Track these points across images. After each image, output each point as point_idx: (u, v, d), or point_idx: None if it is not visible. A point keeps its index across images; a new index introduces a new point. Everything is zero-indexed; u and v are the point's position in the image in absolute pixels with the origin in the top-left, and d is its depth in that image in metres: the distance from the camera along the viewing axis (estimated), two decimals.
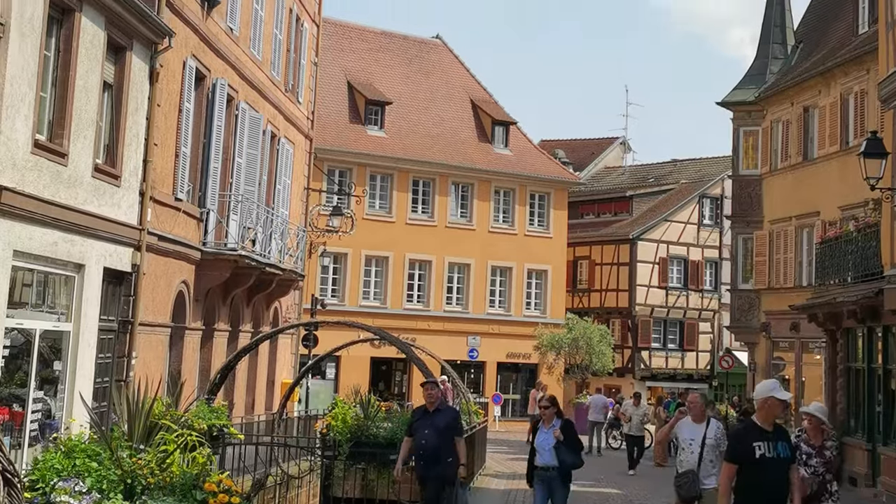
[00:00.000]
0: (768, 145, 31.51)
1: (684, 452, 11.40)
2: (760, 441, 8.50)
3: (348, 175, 41.17)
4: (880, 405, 21.82)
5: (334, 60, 43.62)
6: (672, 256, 50.40)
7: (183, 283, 20.51)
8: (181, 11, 19.41)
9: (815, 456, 10.55)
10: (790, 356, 29.91)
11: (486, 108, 46.67)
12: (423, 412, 12.85)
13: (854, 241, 22.44)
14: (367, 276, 42.05)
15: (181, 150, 19.94)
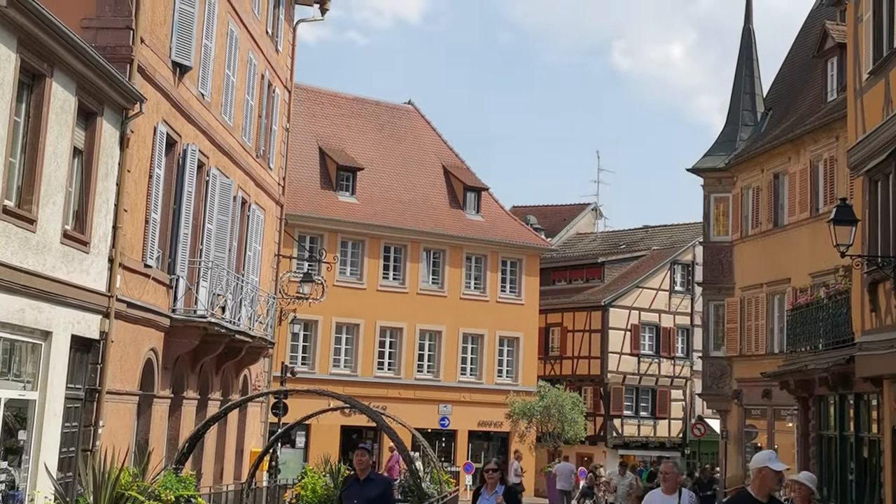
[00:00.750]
0: (739, 212, 31.72)
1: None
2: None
3: (319, 241, 41.09)
4: (853, 473, 21.69)
5: (306, 126, 43.73)
6: (644, 323, 50.47)
7: (151, 351, 20.24)
8: (153, 77, 19.37)
9: None
10: (762, 423, 29.84)
11: (458, 174, 46.85)
12: (353, 481, 12.24)
13: (825, 308, 22.49)
14: (337, 344, 41.84)
15: (151, 217, 19.79)
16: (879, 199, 18.83)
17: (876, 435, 20.17)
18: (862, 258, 18.29)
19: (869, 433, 20.91)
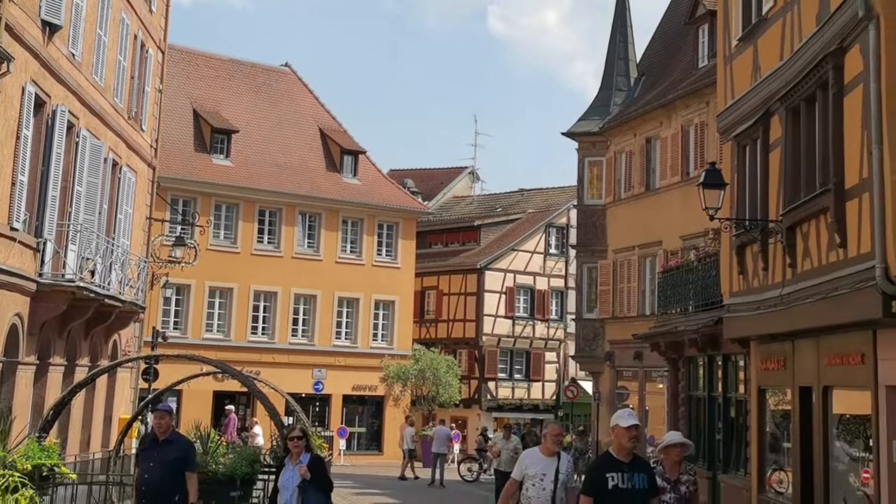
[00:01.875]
0: (612, 175, 32.08)
1: (533, 489, 10.14)
2: (614, 472, 8.41)
3: (192, 205, 40.35)
4: (720, 433, 22.22)
5: (180, 88, 42.86)
6: (519, 286, 50.90)
7: (16, 316, 19.57)
8: (21, 36, 18.62)
9: (669, 491, 9.93)
10: (634, 385, 30.34)
11: (335, 138, 46.41)
12: (152, 442, 11.51)
13: (695, 271, 22.89)
14: (210, 308, 41.24)
15: (18, 179, 19.10)
16: (747, 164, 19.17)
17: (743, 395, 20.66)
18: (730, 221, 18.60)
19: (736, 393, 21.43)
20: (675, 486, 9.91)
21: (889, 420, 13.53)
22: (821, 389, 16.00)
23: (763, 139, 18.28)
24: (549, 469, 10.16)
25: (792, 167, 16.77)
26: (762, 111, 18.15)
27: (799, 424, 16.86)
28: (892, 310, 12.85)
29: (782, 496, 18.09)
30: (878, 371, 13.91)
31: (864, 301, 13.37)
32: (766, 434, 19.15)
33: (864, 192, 13.79)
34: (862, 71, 13.94)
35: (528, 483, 10.22)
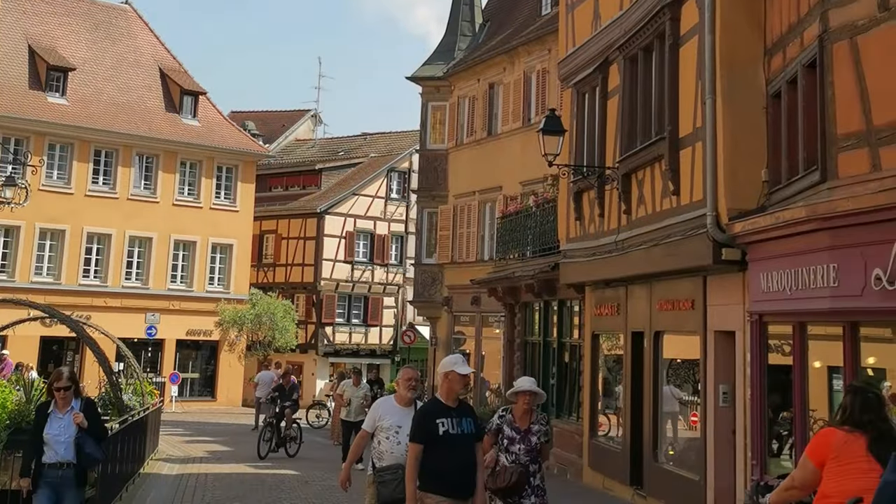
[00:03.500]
0: (455, 120, 31.97)
1: (387, 442, 9.01)
2: (444, 418, 8.22)
3: (25, 144, 38.55)
4: (554, 378, 22.51)
5: (15, 23, 41.04)
6: (359, 231, 50.57)
7: None
8: None
9: (518, 441, 9.53)
10: (471, 330, 30.49)
11: (176, 78, 45.02)
12: None
13: (533, 217, 23.01)
14: (40, 251, 39.65)
15: None
16: (586, 111, 19.31)
17: (577, 340, 20.93)
18: (568, 167, 18.71)
19: (571, 339, 21.70)
20: (524, 437, 9.54)
21: (716, 364, 13.85)
22: (652, 334, 16.29)
23: (602, 87, 18.41)
24: (404, 420, 8.89)
25: (629, 115, 16.93)
26: (601, 59, 18.25)
27: (630, 369, 17.17)
28: (722, 257, 13.11)
29: (613, 440, 18.44)
30: (708, 316, 14.22)
31: (695, 248, 13.61)
32: (599, 379, 19.47)
33: (698, 142, 14.00)
34: (697, 23, 14.11)
35: (382, 436, 9.05)
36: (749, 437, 12.86)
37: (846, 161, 10.53)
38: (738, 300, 13.24)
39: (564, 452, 20.57)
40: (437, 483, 8.10)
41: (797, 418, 11.85)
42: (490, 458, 9.36)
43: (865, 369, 10.82)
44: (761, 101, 13.16)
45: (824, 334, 11.60)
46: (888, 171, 9.75)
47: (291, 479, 19.23)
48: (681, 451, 15.84)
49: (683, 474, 14.98)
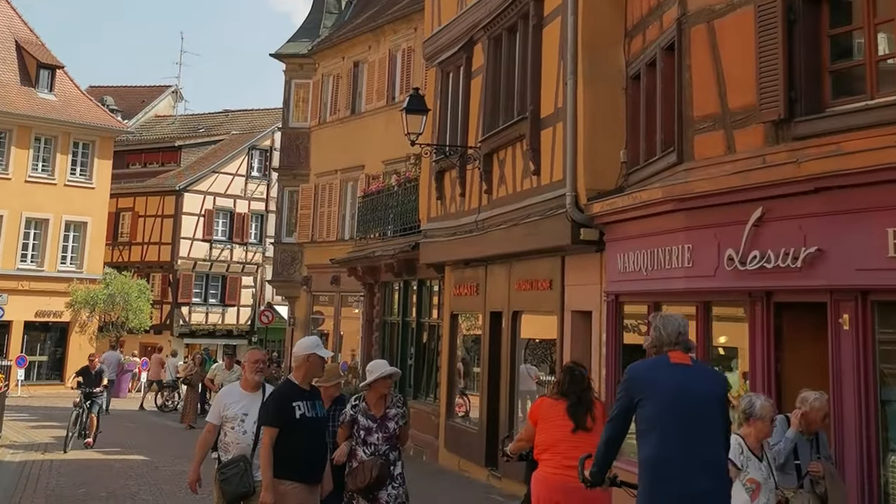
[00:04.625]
0: (318, 98, 31.61)
1: (233, 433, 8.26)
2: (300, 401, 7.88)
3: None
4: (412, 359, 22.44)
5: None
6: (218, 209, 49.72)
7: None
8: None
9: (376, 430, 8.74)
10: (330, 310, 30.24)
11: (32, 51, 43.33)
12: None
13: (395, 196, 22.89)
14: None
15: None
16: (450, 91, 19.26)
17: (436, 320, 20.90)
18: (431, 147, 18.64)
19: (430, 319, 21.66)
20: (382, 424, 8.78)
21: (573, 344, 13.94)
22: (511, 314, 16.33)
23: (466, 67, 18.39)
24: (251, 407, 8.26)
25: (492, 95, 16.94)
26: (466, 39, 18.22)
27: (488, 349, 17.19)
28: (581, 237, 13.19)
29: (469, 421, 18.46)
30: (565, 296, 14.30)
31: (554, 228, 13.66)
32: (457, 359, 19.47)
33: (559, 122, 14.06)
34: (560, 4, 14.16)
35: (227, 427, 8.30)
36: None
37: (702, 143, 10.69)
38: (596, 280, 13.35)
39: (421, 434, 20.51)
40: (292, 468, 7.74)
41: None
42: (341, 453, 8.77)
43: (717, 348, 11.03)
44: (621, 82, 13.29)
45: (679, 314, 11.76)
46: (742, 153, 9.93)
47: (140, 464, 18.64)
48: None
49: None
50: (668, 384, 5.95)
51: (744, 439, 7.27)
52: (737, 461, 7.10)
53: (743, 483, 7.10)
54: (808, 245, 8.90)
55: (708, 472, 5.78)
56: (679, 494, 5.71)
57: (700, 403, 5.93)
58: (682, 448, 5.79)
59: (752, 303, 9.79)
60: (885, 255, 8.06)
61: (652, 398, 5.94)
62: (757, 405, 7.27)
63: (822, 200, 8.79)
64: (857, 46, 9.11)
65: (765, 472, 7.20)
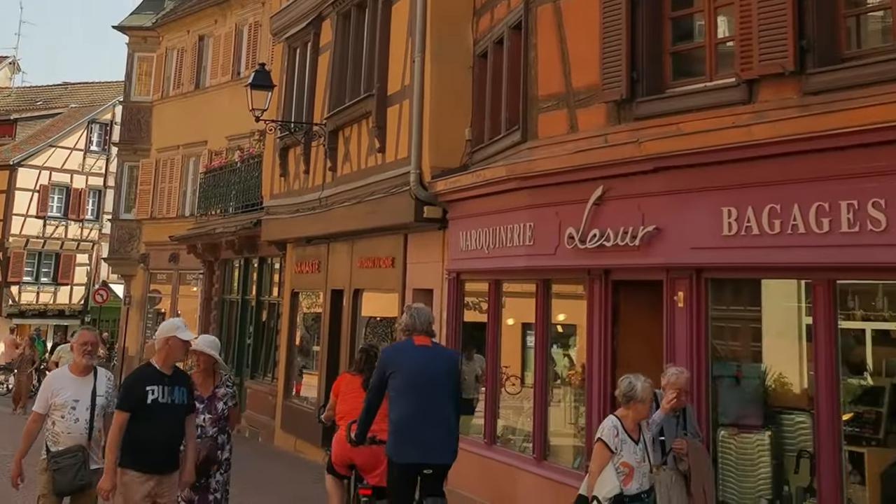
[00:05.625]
0: (162, 72, 30.83)
1: (62, 422, 7.73)
2: (156, 385, 7.46)
3: None
4: (251, 338, 22.10)
5: None
6: (55, 184, 47.94)
7: None
8: None
9: (203, 411, 8.32)
10: (168, 288, 29.55)
11: None
12: None
13: (238, 172, 22.50)
14: None
15: None
16: (297, 67, 19.00)
17: (276, 298, 20.64)
18: (276, 123, 18.34)
19: (270, 297, 21.38)
20: (209, 404, 8.41)
21: None
22: (352, 292, 16.20)
23: (314, 42, 18.16)
24: (82, 393, 7.78)
25: (339, 72, 16.76)
26: (315, 15, 17.98)
27: (328, 327, 17.03)
28: (424, 215, 13.14)
29: (307, 401, 18.25)
30: (407, 274, 14.25)
31: (397, 205, 13.59)
32: (296, 338, 19.26)
33: (405, 100, 14.00)
34: None
35: (56, 415, 7.76)
36: None
37: (546, 122, 10.75)
38: (438, 258, 13.32)
39: (257, 414, 20.23)
40: (138, 457, 7.34)
41: (489, 374, 12.05)
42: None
43: (556, 325, 11.13)
44: (469, 60, 13.29)
45: (520, 291, 11.85)
46: (585, 132, 10.02)
47: None
48: None
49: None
50: (413, 362, 7.61)
51: (621, 421, 7.11)
52: (611, 444, 6.99)
53: (616, 467, 6.94)
54: (647, 224, 9.02)
55: (440, 427, 7.50)
56: (418, 443, 7.40)
57: (435, 376, 7.58)
58: (422, 410, 7.43)
59: (591, 280, 9.89)
60: (720, 233, 8.21)
61: (400, 372, 7.57)
62: (638, 387, 7.09)
63: (661, 180, 8.92)
64: (698, 29, 9.30)
65: (639, 456, 7.03)
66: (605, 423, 7.20)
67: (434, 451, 7.46)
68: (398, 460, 7.46)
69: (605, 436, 7.03)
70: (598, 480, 6.95)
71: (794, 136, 7.55)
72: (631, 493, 6.92)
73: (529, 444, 10.97)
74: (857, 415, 7.74)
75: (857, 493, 7.52)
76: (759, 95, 8.12)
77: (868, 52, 7.55)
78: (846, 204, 7.17)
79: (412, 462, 7.45)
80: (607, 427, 7.09)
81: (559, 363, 11.12)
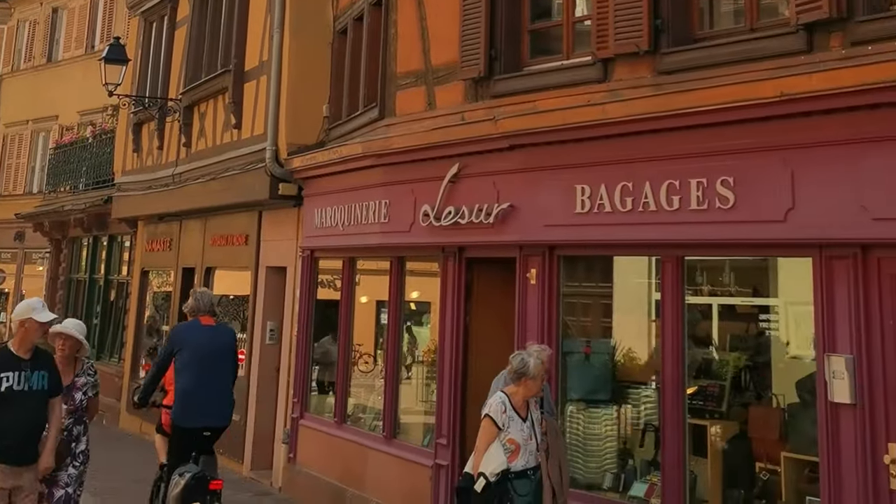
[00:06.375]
0: (12, 44, 29.80)
1: None
2: (11, 371, 6.98)
3: None
4: (98, 317, 21.49)
5: None
6: None
7: None
8: None
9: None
10: (12, 268, 28.61)
11: None
12: None
13: (89, 148, 21.88)
14: None
15: None
16: (153, 41, 18.55)
17: (125, 277, 20.14)
18: (130, 98, 17.86)
19: (119, 276, 20.87)
20: (68, 393, 7.83)
21: (266, 301, 13.69)
22: (204, 270, 15.88)
23: (170, 16, 17.76)
24: None
25: (196, 46, 16.43)
26: None
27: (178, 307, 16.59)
28: (279, 192, 12.95)
29: None
30: (261, 252, 14.03)
31: (253, 182, 13.36)
32: (145, 318, 18.83)
33: (263, 75, 13.79)
34: None
35: None
36: (292, 375, 12.79)
37: (404, 99, 10.66)
38: (293, 236, 13.13)
39: (103, 396, 19.55)
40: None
41: (341, 352, 11.92)
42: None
43: (410, 303, 11.07)
44: (328, 37, 13.13)
45: (374, 269, 11.76)
46: (442, 109, 9.96)
47: None
48: None
49: None
50: (198, 339, 8.71)
51: (509, 398, 6.93)
52: (498, 421, 6.83)
53: (503, 443, 6.79)
54: (502, 201, 8.99)
55: (219, 396, 8.72)
56: (200, 410, 8.56)
57: (217, 351, 8.77)
58: (205, 381, 8.54)
59: (445, 258, 9.84)
60: (573, 211, 8.22)
61: (186, 348, 8.66)
62: (531, 364, 6.90)
63: (517, 158, 8.91)
64: (557, 7, 9.32)
65: (527, 433, 6.88)
66: (494, 399, 7.00)
67: (213, 416, 8.70)
68: (182, 424, 8.67)
69: (493, 412, 6.87)
70: (485, 457, 6.80)
71: (646, 114, 7.60)
72: (517, 470, 6.78)
73: (380, 423, 10.88)
74: (701, 388, 7.86)
75: (700, 465, 7.64)
76: (615, 74, 8.17)
77: (720, 33, 7.65)
78: (696, 182, 7.25)
79: (195, 426, 8.65)
80: (495, 403, 6.92)
81: (412, 341, 11.06)
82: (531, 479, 6.87)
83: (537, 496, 6.87)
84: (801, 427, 6.99)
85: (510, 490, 6.73)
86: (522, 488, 6.80)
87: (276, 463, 12.97)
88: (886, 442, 6.14)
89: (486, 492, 6.70)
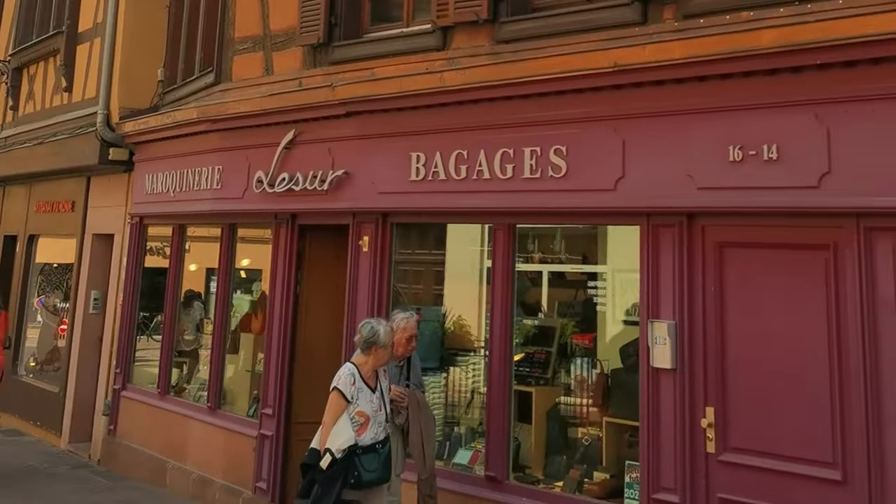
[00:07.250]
0: None
1: None
2: None
3: None
4: None
5: None
6: None
7: None
8: None
9: None
10: None
11: None
12: None
13: None
14: None
15: None
16: None
17: None
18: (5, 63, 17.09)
19: None
20: None
21: (91, 269, 13.26)
22: (26, 237, 15.29)
23: None
24: None
25: (27, 7, 15.88)
26: None
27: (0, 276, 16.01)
28: (109, 157, 12.54)
29: None
30: (88, 219, 13.58)
31: (82, 147, 12.91)
32: None
33: (97, 38, 13.36)
34: None
35: None
36: (115, 345, 12.41)
37: (241, 64, 10.45)
38: (122, 202, 12.73)
39: None
40: None
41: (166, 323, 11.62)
42: None
43: (240, 271, 10.87)
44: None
45: (206, 236, 11.50)
46: (280, 75, 9.81)
47: None
48: (44, 361, 14.96)
49: (42, 386, 14.13)
50: None
51: (358, 369, 6.66)
52: (347, 393, 6.56)
53: (351, 416, 6.52)
54: (336, 168, 8.90)
55: None
56: None
57: None
58: None
59: (278, 225, 9.67)
60: (407, 178, 8.19)
61: None
62: (381, 332, 6.67)
63: (353, 125, 8.83)
64: None
65: (376, 404, 6.63)
66: (342, 370, 6.70)
67: None
68: None
69: (342, 384, 6.58)
70: (333, 432, 6.51)
71: (483, 83, 7.62)
72: (365, 444, 6.51)
73: (205, 393, 10.66)
74: (528, 355, 7.93)
75: (524, 431, 7.71)
76: (454, 42, 8.17)
77: (559, 3, 7.68)
78: (530, 150, 7.31)
79: None
80: (344, 375, 6.64)
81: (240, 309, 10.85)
82: (379, 454, 6.60)
83: (386, 469, 6.63)
84: (624, 392, 7.11)
85: (357, 466, 6.46)
86: (370, 463, 6.52)
87: (96, 435, 12.56)
88: (704, 406, 6.30)
89: (332, 468, 6.43)
